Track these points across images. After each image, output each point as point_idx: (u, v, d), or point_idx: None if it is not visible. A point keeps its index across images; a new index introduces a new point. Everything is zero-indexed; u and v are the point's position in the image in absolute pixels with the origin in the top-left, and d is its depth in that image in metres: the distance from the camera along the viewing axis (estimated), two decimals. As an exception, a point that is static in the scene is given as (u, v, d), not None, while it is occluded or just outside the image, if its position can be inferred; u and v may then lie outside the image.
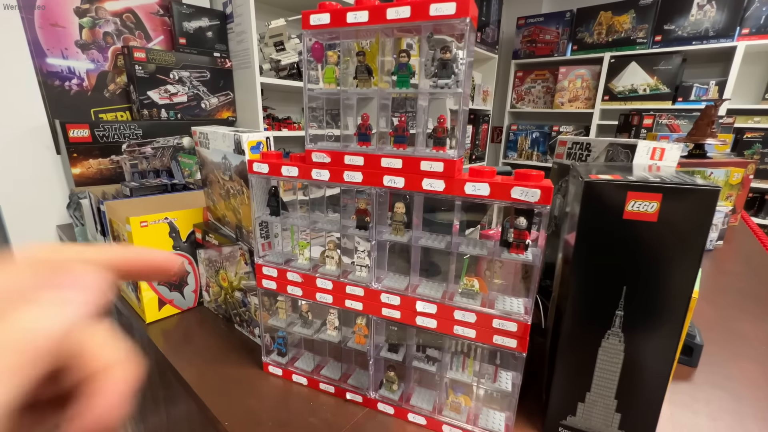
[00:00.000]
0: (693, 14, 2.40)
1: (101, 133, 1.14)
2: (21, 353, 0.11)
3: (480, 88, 2.93)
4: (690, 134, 1.45)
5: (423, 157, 0.37)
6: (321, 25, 0.37)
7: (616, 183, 0.34)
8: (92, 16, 1.18)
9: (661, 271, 0.35)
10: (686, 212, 0.33)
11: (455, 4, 0.32)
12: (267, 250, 0.52)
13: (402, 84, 0.37)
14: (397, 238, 0.41)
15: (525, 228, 0.36)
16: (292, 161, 0.43)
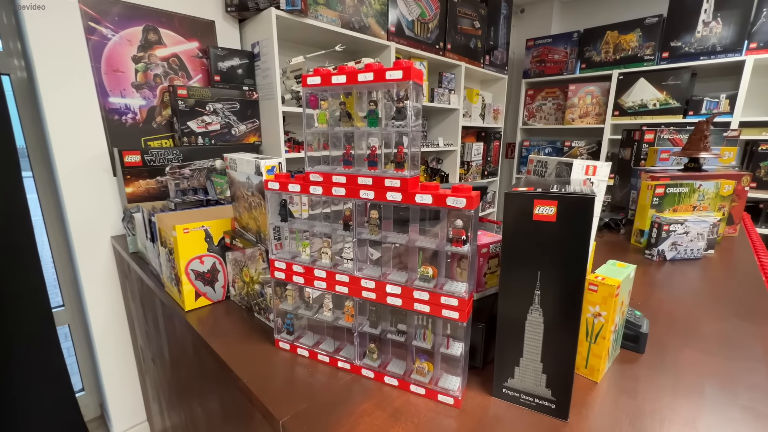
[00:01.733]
0: (699, 31, 2.46)
1: (149, 158, 1.35)
2: None
3: (490, 107, 3.05)
4: (684, 149, 1.51)
5: (386, 176, 0.51)
6: (314, 84, 0.53)
7: (526, 194, 0.47)
8: (145, 62, 1.42)
9: (562, 258, 0.46)
10: (573, 214, 0.45)
11: (402, 71, 0.46)
12: (279, 249, 0.66)
13: (372, 124, 0.51)
14: (372, 236, 0.55)
15: (461, 227, 0.49)
16: (296, 180, 0.58)
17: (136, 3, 1.37)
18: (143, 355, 1.38)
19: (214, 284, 0.85)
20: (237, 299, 0.86)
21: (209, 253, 0.83)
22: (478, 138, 3.09)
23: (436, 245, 0.51)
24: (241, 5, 1.55)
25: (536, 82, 3.30)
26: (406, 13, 2.06)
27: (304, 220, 0.63)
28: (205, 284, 0.84)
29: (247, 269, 0.79)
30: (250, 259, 0.77)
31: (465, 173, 2.88)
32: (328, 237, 0.59)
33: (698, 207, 1.32)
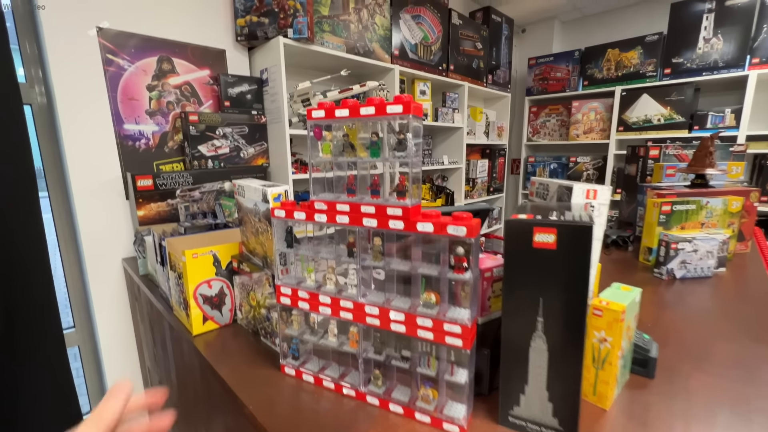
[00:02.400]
0: (700, 47, 2.48)
1: (161, 182, 1.39)
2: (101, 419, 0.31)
3: (494, 124, 3.09)
4: (690, 165, 1.51)
5: (388, 205, 0.52)
6: (319, 117, 0.55)
7: (526, 222, 0.48)
8: (159, 90, 1.48)
9: (563, 285, 0.47)
10: (572, 242, 0.45)
11: (402, 106, 0.48)
12: (285, 274, 0.68)
13: (374, 154, 0.53)
14: (375, 263, 0.56)
15: (462, 254, 0.50)
16: (301, 208, 0.60)
17: (152, 35, 1.44)
18: (151, 378, 1.38)
19: (222, 308, 0.87)
20: (244, 323, 0.87)
21: (217, 277, 0.84)
22: (482, 155, 3.11)
23: (438, 272, 0.52)
24: (251, 35, 1.62)
25: (539, 99, 3.33)
26: (409, 37, 2.13)
27: (309, 246, 0.64)
28: (212, 308, 0.85)
29: (253, 293, 0.80)
30: (256, 284, 0.78)
31: (470, 190, 2.89)
32: (332, 263, 0.60)
33: (706, 224, 1.31)
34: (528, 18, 3.36)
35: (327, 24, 1.71)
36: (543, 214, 0.50)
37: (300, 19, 1.55)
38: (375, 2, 1.91)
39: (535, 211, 0.53)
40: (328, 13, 1.70)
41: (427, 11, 2.22)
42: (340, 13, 1.75)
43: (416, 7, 2.14)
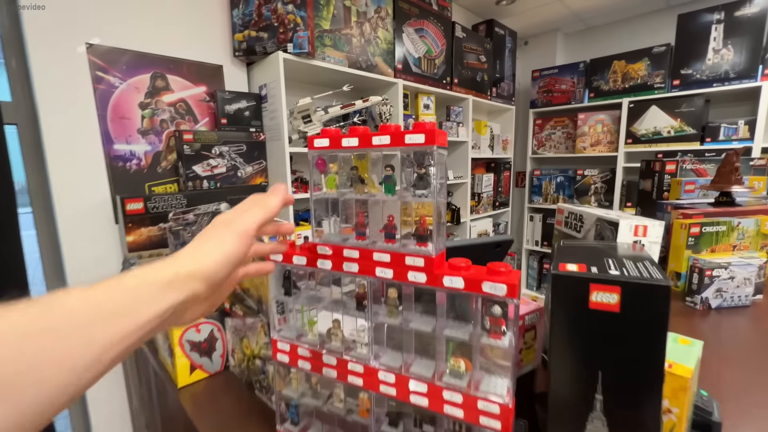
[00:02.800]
0: (710, 58, 2.42)
1: (152, 205, 1.31)
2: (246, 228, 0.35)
3: (499, 137, 3.02)
4: (713, 182, 1.42)
5: (407, 253, 0.43)
6: (322, 147, 0.46)
7: (579, 276, 0.39)
8: (152, 108, 1.41)
9: (631, 358, 0.37)
10: (644, 304, 0.36)
11: (424, 135, 0.40)
12: (282, 324, 0.58)
13: (388, 191, 0.44)
14: (391, 320, 0.47)
15: (500, 315, 0.40)
16: (301, 251, 0.51)
17: (145, 52, 1.37)
18: (137, 418, 1.27)
19: (212, 354, 0.77)
20: (236, 371, 0.77)
21: (206, 320, 0.75)
22: (487, 169, 3.03)
23: (469, 336, 0.42)
24: (249, 50, 1.56)
25: (544, 112, 3.28)
26: (412, 50, 2.07)
27: (311, 294, 0.55)
28: (201, 355, 0.75)
29: (247, 340, 0.70)
30: (250, 330, 0.69)
31: (476, 205, 2.80)
32: (339, 316, 0.51)
33: (738, 246, 1.21)
34: (531, 30, 3.32)
35: (328, 38, 1.65)
36: (596, 263, 0.41)
37: (300, 33, 1.48)
38: (377, 16, 1.86)
39: (584, 258, 0.44)
40: (329, 27, 1.64)
41: (431, 24, 2.17)
42: (341, 27, 1.69)
43: (419, 21, 2.09)
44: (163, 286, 0.28)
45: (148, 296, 0.28)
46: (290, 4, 1.47)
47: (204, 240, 0.34)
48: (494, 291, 0.39)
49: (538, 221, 3.35)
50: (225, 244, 0.33)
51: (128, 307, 0.26)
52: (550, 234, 3.29)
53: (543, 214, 3.31)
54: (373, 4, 1.82)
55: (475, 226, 2.78)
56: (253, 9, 1.51)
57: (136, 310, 0.27)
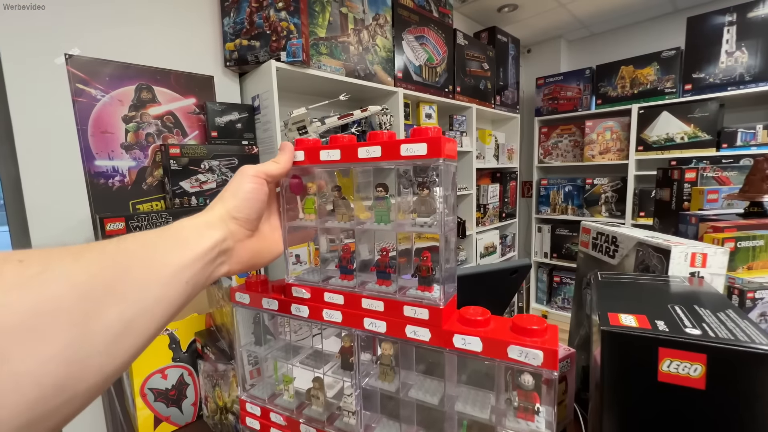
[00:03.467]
0: (723, 61, 2.33)
1: (135, 224, 1.21)
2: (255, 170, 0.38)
3: (504, 147, 2.93)
4: (742, 191, 1.30)
5: (406, 302, 0.32)
6: (297, 162, 0.36)
7: (643, 335, 0.28)
8: (137, 121, 1.33)
9: (724, 457, 0.26)
10: (745, 381, 0.25)
11: (426, 145, 0.29)
12: (255, 377, 0.47)
13: (380, 220, 0.34)
14: (385, 385, 0.36)
15: (532, 389, 0.29)
16: (273, 292, 0.41)
17: (130, 62, 1.30)
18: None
19: (182, 402, 0.66)
20: (210, 423, 0.66)
21: (175, 363, 0.64)
22: (493, 179, 2.93)
23: (490, 414, 0.31)
24: (241, 59, 1.48)
25: (550, 120, 3.18)
26: (413, 58, 2.00)
27: (287, 342, 0.44)
28: (169, 404, 0.64)
29: (219, 390, 0.59)
30: (222, 378, 0.58)
31: (482, 217, 2.69)
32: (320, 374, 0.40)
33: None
34: (534, 38, 3.26)
35: (324, 46, 1.57)
36: (660, 312, 0.30)
37: (294, 41, 1.41)
38: (376, 23, 1.79)
39: (638, 302, 0.33)
40: (325, 35, 1.57)
41: (431, 32, 2.10)
42: (338, 35, 1.62)
43: (419, 28, 2.02)
44: (204, 227, 0.34)
45: (196, 235, 0.33)
46: (283, 11, 1.40)
47: (225, 189, 0.39)
48: (525, 359, 0.28)
49: (546, 232, 3.23)
50: (241, 185, 0.37)
51: (183, 242, 0.31)
52: (559, 245, 3.16)
53: (551, 224, 3.18)
54: (371, 11, 1.75)
55: (482, 238, 2.66)
56: (244, 17, 1.44)
57: (190, 244, 0.32)
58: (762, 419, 0.25)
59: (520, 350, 0.28)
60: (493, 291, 0.65)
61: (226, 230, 0.36)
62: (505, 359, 0.29)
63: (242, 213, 0.36)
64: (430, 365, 0.37)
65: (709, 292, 0.35)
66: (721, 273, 0.43)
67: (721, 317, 0.30)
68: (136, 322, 0.26)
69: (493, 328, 0.30)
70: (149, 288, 0.27)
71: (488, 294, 0.66)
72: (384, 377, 0.36)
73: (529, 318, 0.30)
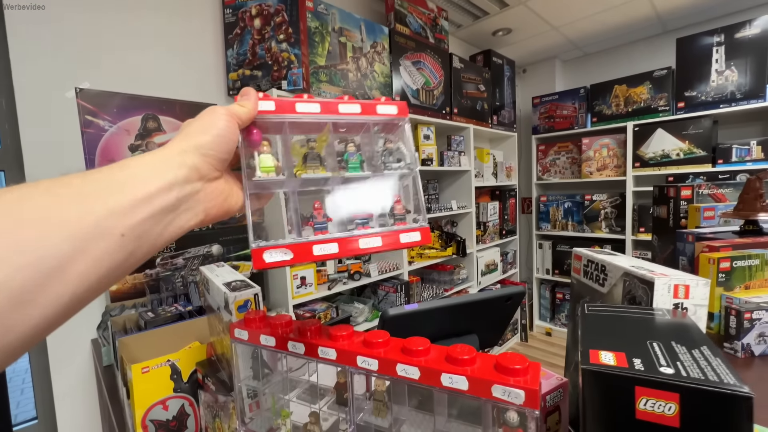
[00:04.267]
0: (713, 80, 2.38)
1: (139, 250, 1.24)
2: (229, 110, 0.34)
3: (502, 165, 2.97)
4: (736, 209, 1.32)
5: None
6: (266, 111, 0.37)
7: (619, 374, 0.29)
8: (143, 150, 1.37)
9: (702, 494, 0.27)
10: (716, 420, 0.26)
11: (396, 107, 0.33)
12: (255, 410, 0.48)
13: (354, 169, 0.36)
14: (378, 420, 0.37)
15: (517, 425, 0.31)
16: (271, 330, 0.42)
17: (137, 94, 1.35)
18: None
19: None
20: (210, 454, 0.66)
21: (176, 394, 0.65)
22: (492, 197, 2.96)
23: (479, 450, 0.32)
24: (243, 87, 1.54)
25: (547, 138, 3.24)
26: (410, 82, 2.06)
27: (284, 376, 0.45)
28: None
29: (220, 421, 0.60)
30: (222, 410, 0.59)
31: (482, 234, 2.71)
32: (317, 409, 0.41)
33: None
34: (528, 59, 3.35)
35: (324, 74, 1.63)
36: (638, 350, 0.32)
37: (295, 70, 1.47)
38: (374, 50, 1.86)
39: (619, 338, 0.34)
40: (324, 63, 1.63)
41: (428, 56, 2.17)
42: (337, 63, 1.68)
43: (416, 54, 2.10)
44: (160, 164, 0.28)
45: (148, 173, 0.27)
46: (284, 42, 1.46)
47: (191, 123, 0.33)
48: (508, 398, 0.29)
49: (547, 248, 3.23)
50: (213, 121, 0.32)
51: (124, 183, 0.26)
52: (560, 261, 3.16)
53: (552, 240, 3.19)
54: (368, 39, 1.82)
55: (482, 256, 2.67)
56: (247, 48, 1.51)
57: (134, 185, 0.26)
58: (735, 457, 0.26)
59: (503, 389, 0.29)
60: (488, 318, 0.66)
61: (189, 168, 0.29)
62: (489, 398, 0.30)
63: (213, 150, 0.31)
64: (421, 400, 0.38)
65: (687, 326, 0.37)
66: (704, 304, 0.44)
67: (695, 354, 0.31)
68: (28, 289, 0.21)
69: (479, 366, 0.32)
70: (50, 246, 0.22)
71: (485, 320, 0.68)
72: (377, 413, 0.37)
73: (512, 357, 0.31)
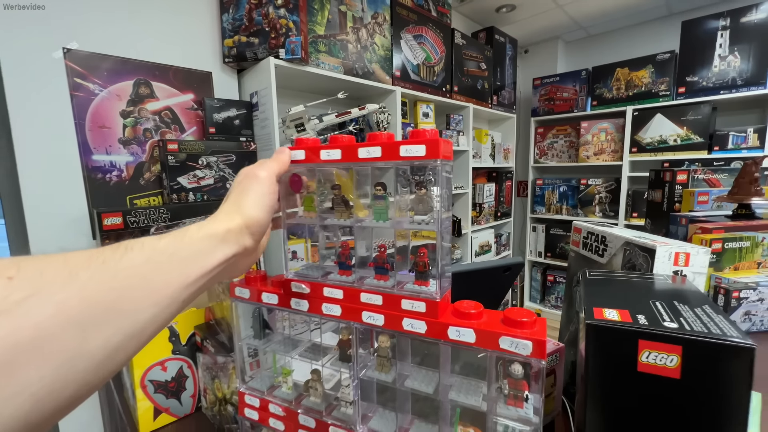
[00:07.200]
0: (716, 65, 2.36)
1: (132, 219, 1.22)
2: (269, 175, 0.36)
3: (500, 146, 2.95)
4: (731, 193, 1.33)
5: (404, 296, 0.34)
6: (297, 160, 0.38)
7: (624, 329, 0.30)
8: (135, 117, 1.33)
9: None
10: (718, 371, 0.27)
11: (425, 146, 0.31)
12: (255, 369, 0.49)
13: (379, 217, 0.36)
14: (382, 375, 0.37)
15: (522, 377, 0.31)
16: (273, 287, 0.42)
17: (129, 57, 1.30)
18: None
19: (181, 394, 0.67)
20: (209, 414, 0.67)
21: (175, 356, 0.65)
22: (489, 179, 2.96)
23: (481, 402, 0.33)
24: (239, 55, 1.49)
25: (546, 120, 3.21)
26: (411, 57, 2.01)
27: (285, 336, 0.45)
28: (168, 396, 0.65)
29: (219, 382, 0.60)
30: (222, 370, 0.59)
31: (477, 216, 2.72)
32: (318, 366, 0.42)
33: (764, 264, 1.12)
34: (531, 38, 3.28)
35: (323, 44, 1.58)
36: (642, 308, 0.32)
37: (293, 38, 1.42)
38: (374, 21, 1.80)
39: (623, 298, 0.35)
40: (323, 33, 1.58)
41: (429, 31, 2.11)
42: (336, 33, 1.63)
43: (418, 27, 2.03)
44: (220, 240, 0.32)
45: (210, 248, 0.31)
46: (282, 8, 1.40)
47: (241, 194, 0.35)
48: (515, 349, 0.29)
49: (541, 231, 3.26)
50: (263, 196, 0.35)
51: (195, 256, 0.30)
52: (553, 245, 3.20)
53: (546, 224, 3.22)
54: (369, 9, 1.76)
55: (477, 237, 2.69)
56: (243, 14, 1.44)
57: (202, 259, 0.30)
58: (732, 406, 0.27)
59: (510, 341, 0.30)
60: (487, 287, 0.67)
61: (239, 245, 0.33)
62: (496, 349, 0.30)
63: (260, 227, 0.34)
64: (425, 357, 0.38)
65: (689, 289, 0.37)
66: (703, 272, 0.45)
67: (698, 312, 0.31)
68: (123, 347, 0.24)
69: (486, 320, 0.32)
70: (144, 311, 0.25)
71: (482, 290, 0.68)
72: (381, 368, 0.38)
73: (519, 311, 0.31)
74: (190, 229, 0.32)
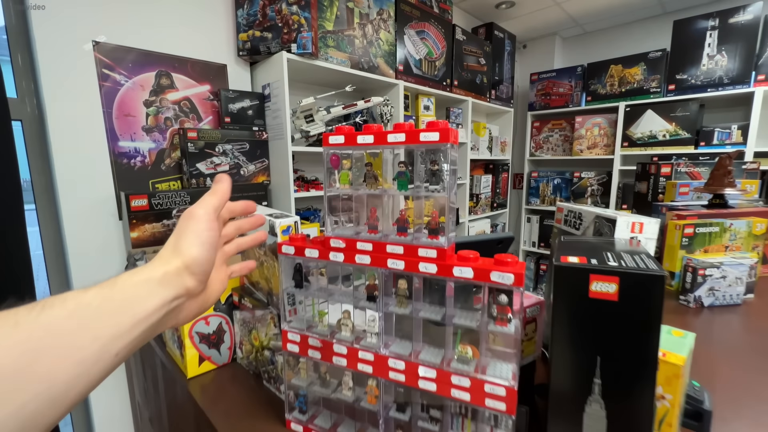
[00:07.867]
0: (704, 64, 2.47)
1: (156, 201, 1.32)
2: (206, 212, 0.35)
3: (498, 139, 3.06)
4: (707, 185, 1.46)
5: (420, 245, 0.45)
6: (337, 143, 0.48)
7: (580, 267, 0.41)
8: (157, 106, 1.42)
9: (627, 343, 0.40)
10: (641, 293, 0.39)
11: (438, 133, 0.42)
12: (292, 316, 0.60)
13: (401, 187, 0.47)
14: (400, 310, 0.49)
15: (506, 304, 0.43)
16: (313, 244, 0.53)
17: (151, 50, 1.39)
18: (140, 413, 1.28)
19: (220, 346, 0.78)
20: (244, 363, 0.79)
21: (215, 312, 0.77)
22: (486, 170, 3.07)
23: (477, 323, 0.44)
24: (253, 49, 1.58)
25: (542, 114, 3.32)
26: (413, 52, 2.10)
27: (321, 286, 0.57)
28: (210, 347, 0.77)
29: (256, 332, 0.72)
30: (259, 322, 0.71)
31: (474, 206, 2.83)
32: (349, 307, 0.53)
33: (730, 247, 1.25)
34: (529, 34, 3.37)
35: (331, 39, 1.67)
36: (596, 256, 0.44)
37: (304, 33, 1.51)
38: (380, 17, 1.88)
39: (585, 252, 0.46)
40: (332, 28, 1.66)
41: (431, 27, 2.20)
42: (344, 28, 1.72)
43: (420, 23, 2.12)
44: (156, 284, 0.31)
45: (145, 293, 0.30)
46: (295, 5, 1.49)
47: (179, 236, 0.34)
48: (502, 280, 0.41)
49: (535, 222, 3.39)
50: (202, 233, 0.34)
51: (127, 304, 0.29)
52: (547, 235, 3.33)
53: (540, 215, 3.34)
54: (375, 5, 1.85)
55: (474, 226, 2.81)
56: (257, 9, 1.53)
57: (135, 306, 0.29)
58: (652, 319, 0.39)
59: (499, 274, 0.41)
60: (481, 257, 0.78)
61: (180, 287, 0.32)
62: (488, 281, 0.42)
63: (201, 266, 0.33)
64: (432, 299, 0.50)
65: (636, 248, 0.49)
66: (653, 237, 0.56)
67: (635, 258, 0.43)
68: (42, 413, 0.22)
69: (481, 263, 0.43)
70: (65, 371, 0.23)
71: (478, 261, 0.79)
72: (400, 304, 0.49)
73: (504, 256, 0.43)
74: (121, 277, 0.30)
